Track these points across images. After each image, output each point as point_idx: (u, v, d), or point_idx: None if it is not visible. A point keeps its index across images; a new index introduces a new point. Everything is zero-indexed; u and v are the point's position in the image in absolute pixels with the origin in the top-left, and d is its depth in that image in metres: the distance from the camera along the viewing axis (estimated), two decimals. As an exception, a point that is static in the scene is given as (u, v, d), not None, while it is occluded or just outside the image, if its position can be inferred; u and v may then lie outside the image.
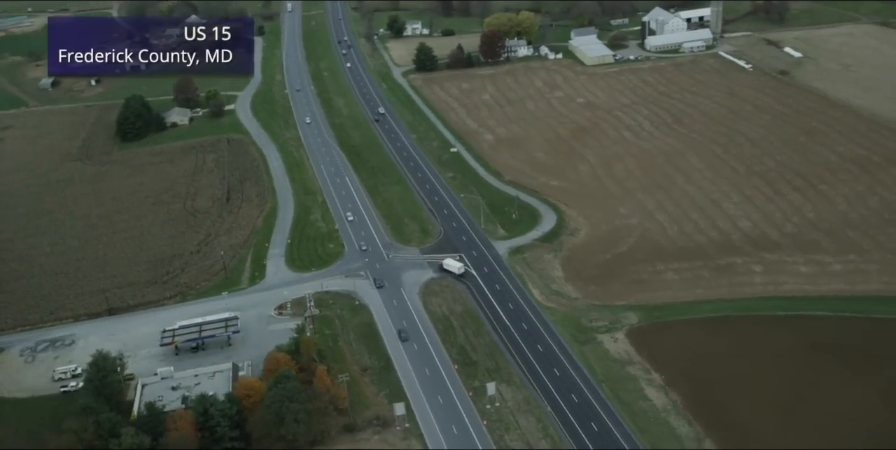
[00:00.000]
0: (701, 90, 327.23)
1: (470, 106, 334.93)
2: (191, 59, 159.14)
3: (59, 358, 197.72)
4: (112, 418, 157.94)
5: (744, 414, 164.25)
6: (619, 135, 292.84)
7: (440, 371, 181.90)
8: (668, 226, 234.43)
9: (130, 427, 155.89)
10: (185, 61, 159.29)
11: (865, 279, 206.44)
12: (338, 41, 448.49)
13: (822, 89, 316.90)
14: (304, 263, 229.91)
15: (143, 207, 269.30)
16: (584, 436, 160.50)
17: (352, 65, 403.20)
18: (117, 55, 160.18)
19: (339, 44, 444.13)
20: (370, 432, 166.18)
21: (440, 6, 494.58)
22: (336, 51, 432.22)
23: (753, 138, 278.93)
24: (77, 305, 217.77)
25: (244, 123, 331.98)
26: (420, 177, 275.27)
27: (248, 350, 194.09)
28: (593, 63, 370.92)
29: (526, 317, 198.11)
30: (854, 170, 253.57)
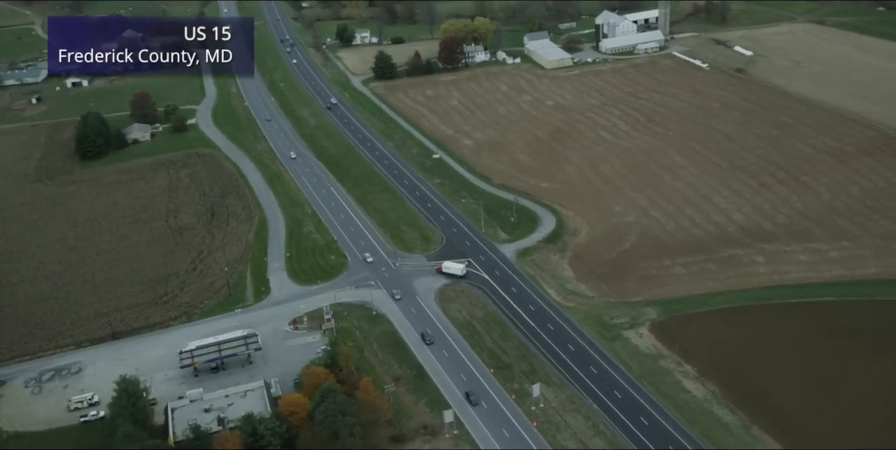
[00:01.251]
0: (666, 90, 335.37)
1: (440, 112, 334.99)
2: (191, 59, 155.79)
3: (68, 387, 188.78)
4: (159, 445, 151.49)
5: (782, 399, 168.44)
6: (597, 135, 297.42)
7: (476, 376, 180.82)
8: (665, 222, 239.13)
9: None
10: (185, 61, 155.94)
11: (863, 264, 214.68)
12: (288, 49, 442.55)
13: (781, 85, 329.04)
14: (308, 276, 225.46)
15: (123, 227, 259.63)
16: (636, 431, 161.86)
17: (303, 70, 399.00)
18: (117, 55, 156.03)
19: (288, 53, 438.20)
20: (420, 442, 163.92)
21: (384, 14, 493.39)
22: (287, 60, 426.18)
23: (728, 134, 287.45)
24: (76, 331, 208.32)
25: (210, 137, 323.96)
26: (407, 184, 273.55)
27: (271, 367, 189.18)
28: (553, 66, 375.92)
29: (549, 317, 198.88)
30: (830, 161, 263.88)
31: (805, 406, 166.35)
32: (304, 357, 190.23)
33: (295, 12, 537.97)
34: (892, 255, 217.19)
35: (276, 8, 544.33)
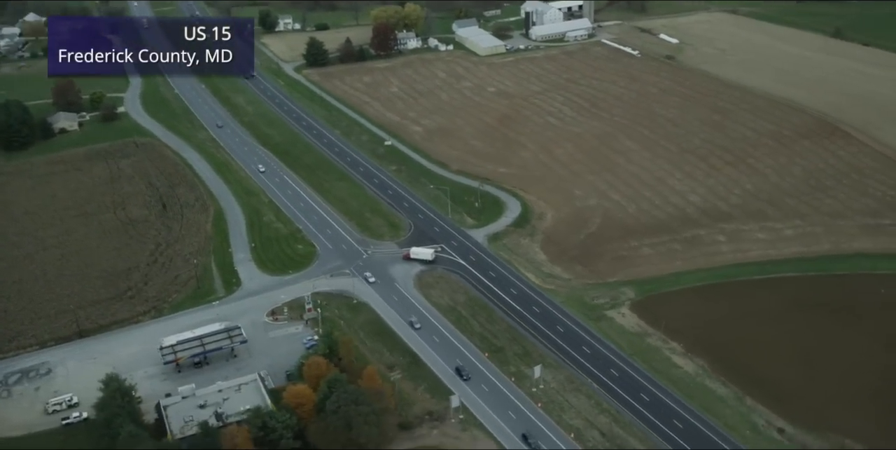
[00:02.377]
0: (603, 76, 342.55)
1: (382, 99, 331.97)
2: (191, 58, 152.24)
3: (40, 389, 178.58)
4: (170, 444, 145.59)
5: (768, 371, 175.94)
6: (545, 121, 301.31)
7: (472, 361, 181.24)
8: (626, 204, 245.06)
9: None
10: (185, 61, 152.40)
11: (816, 241, 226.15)
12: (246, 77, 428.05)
13: (712, 72, 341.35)
14: (277, 266, 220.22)
15: (68, 221, 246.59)
16: (639, 407, 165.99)
17: None
18: (117, 55, 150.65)
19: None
20: (427, 428, 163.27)
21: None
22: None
23: (672, 119, 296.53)
24: (38, 330, 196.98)
25: (145, 126, 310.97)
26: (363, 171, 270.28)
27: (257, 360, 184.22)
28: (487, 53, 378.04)
29: (533, 300, 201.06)
30: (771, 144, 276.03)
31: (791, 376, 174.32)
32: (290, 349, 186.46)
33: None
34: (840, 231, 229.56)
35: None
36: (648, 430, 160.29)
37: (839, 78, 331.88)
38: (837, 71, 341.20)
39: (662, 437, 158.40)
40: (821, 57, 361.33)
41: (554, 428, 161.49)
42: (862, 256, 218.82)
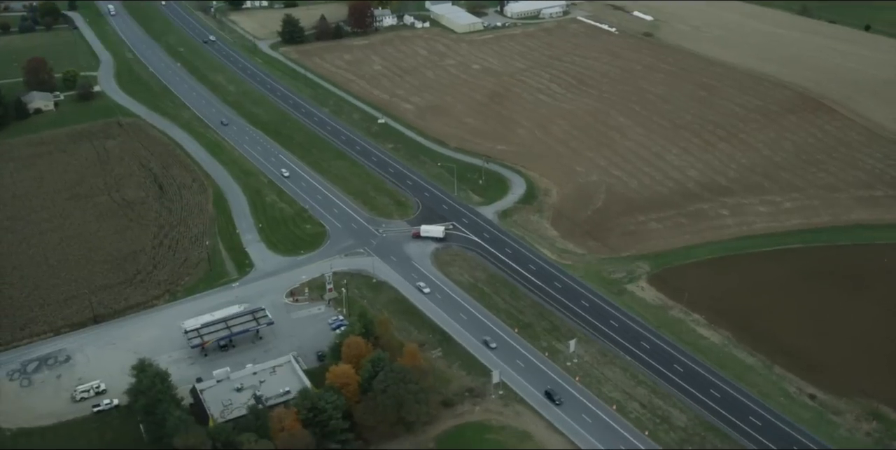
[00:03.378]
0: (585, 53, 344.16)
1: (367, 77, 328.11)
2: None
3: (62, 377, 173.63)
4: (224, 428, 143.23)
5: (791, 340, 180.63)
6: (535, 98, 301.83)
7: (502, 337, 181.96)
8: (628, 180, 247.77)
9: (250, 434, 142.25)
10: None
11: (816, 213, 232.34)
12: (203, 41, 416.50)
13: (691, 48, 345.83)
14: (287, 247, 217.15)
15: (60, 203, 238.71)
16: (674, 378, 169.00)
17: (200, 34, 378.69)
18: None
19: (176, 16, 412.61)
20: (469, 404, 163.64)
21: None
22: (178, 24, 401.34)
23: (660, 95, 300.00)
24: (50, 316, 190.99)
25: (126, 105, 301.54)
26: (360, 150, 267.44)
27: (284, 342, 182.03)
28: (464, 31, 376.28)
29: (553, 276, 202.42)
30: (760, 119, 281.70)
31: (813, 344, 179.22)
32: (316, 329, 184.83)
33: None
34: (837, 203, 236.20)
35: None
36: (687, 400, 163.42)
37: (813, 54, 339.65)
38: (810, 47, 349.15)
39: (702, 406, 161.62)
40: (793, 34, 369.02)
41: (595, 401, 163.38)
42: (861, 227, 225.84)
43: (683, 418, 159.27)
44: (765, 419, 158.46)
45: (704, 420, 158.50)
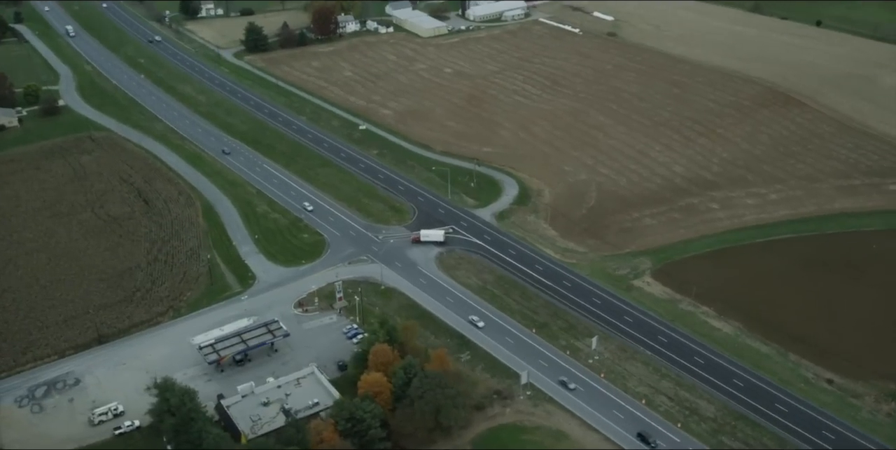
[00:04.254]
0: (554, 54, 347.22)
1: (340, 84, 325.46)
2: None
3: (74, 400, 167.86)
4: (265, 443, 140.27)
5: (799, 327, 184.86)
6: (512, 100, 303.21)
7: (522, 338, 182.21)
8: (616, 178, 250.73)
9: (293, 447, 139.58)
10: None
11: (801, 203, 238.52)
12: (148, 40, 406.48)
13: (656, 47, 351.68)
14: (287, 257, 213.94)
15: (42, 222, 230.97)
16: (696, 369, 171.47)
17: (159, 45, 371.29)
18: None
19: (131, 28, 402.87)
20: (498, 406, 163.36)
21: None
22: (134, 35, 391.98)
23: (635, 93, 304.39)
24: (50, 339, 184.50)
25: (94, 119, 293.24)
26: (346, 157, 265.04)
27: (300, 353, 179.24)
28: (430, 35, 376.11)
29: (560, 275, 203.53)
30: (734, 114, 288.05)
31: (821, 331, 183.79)
32: (331, 339, 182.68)
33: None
34: (820, 193, 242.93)
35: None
36: (712, 390, 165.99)
37: (773, 50, 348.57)
38: (769, 43, 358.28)
39: (728, 396, 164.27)
40: (749, 31, 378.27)
41: (623, 396, 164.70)
42: (846, 215, 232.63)
43: (712, 409, 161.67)
44: (790, 406, 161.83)
45: (732, 409, 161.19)
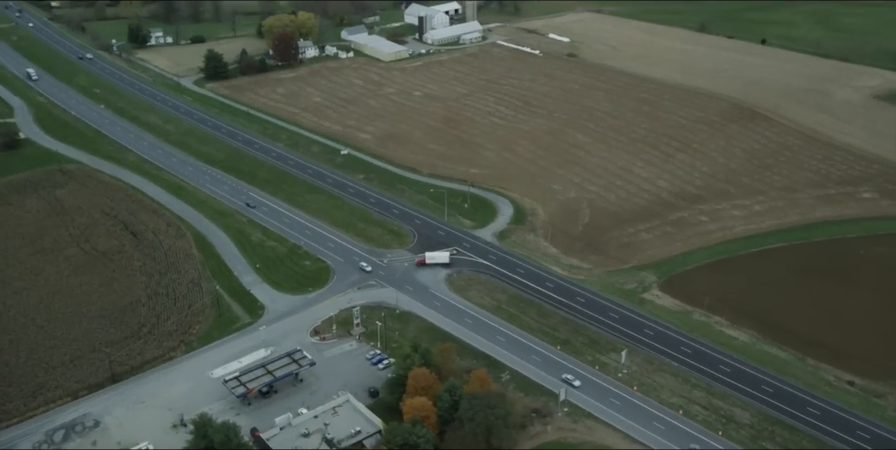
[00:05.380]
0: (519, 75, 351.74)
1: (311, 109, 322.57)
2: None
3: (97, 443, 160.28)
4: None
5: (810, 332, 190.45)
6: (488, 121, 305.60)
7: (549, 355, 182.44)
8: (605, 194, 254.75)
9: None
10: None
11: (785, 213, 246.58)
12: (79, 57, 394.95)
13: (618, 67, 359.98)
14: (293, 285, 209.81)
15: (26, 260, 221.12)
16: (725, 378, 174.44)
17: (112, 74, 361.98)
18: None
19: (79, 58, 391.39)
20: (539, 424, 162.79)
21: (162, 10, 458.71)
22: (83, 65, 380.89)
23: (607, 112, 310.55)
24: (61, 380, 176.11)
25: (60, 152, 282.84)
26: (333, 182, 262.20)
27: (327, 382, 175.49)
28: (391, 59, 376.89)
29: (572, 291, 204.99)
30: (706, 129, 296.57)
31: (832, 335, 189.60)
32: (355, 366, 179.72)
33: (48, 14, 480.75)
34: (800, 203, 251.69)
35: (25, 11, 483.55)
36: (744, 397, 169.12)
37: (729, 67, 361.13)
38: (723, 61, 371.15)
39: (760, 402, 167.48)
40: (700, 49, 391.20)
41: (659, 408, 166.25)
42: (828, 224, 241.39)
43: (747, 416, 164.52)
44: (821, 409, 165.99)
45: (767, 415, 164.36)
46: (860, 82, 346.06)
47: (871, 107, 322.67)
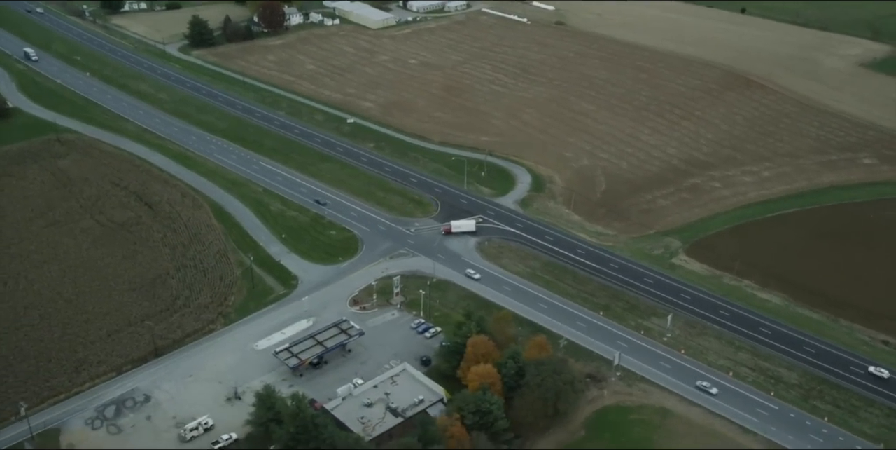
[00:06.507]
0: (512, 43, 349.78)
1: (307, 77, 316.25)
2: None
3: (152, 418, 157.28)
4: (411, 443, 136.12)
5: (837, 293, 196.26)
6: (489, 89, 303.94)
7: (592, 321, 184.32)
8: (617, 162, 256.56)
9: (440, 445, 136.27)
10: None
11: (793, 179, 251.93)
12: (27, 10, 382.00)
13: (608, 35, 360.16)
14: (322, 255, 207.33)
15: (40, 232, 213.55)
16: (766, 339, 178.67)
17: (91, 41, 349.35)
18: None
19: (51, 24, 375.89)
20: (595, 389, 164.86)
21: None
22: (60, 32, 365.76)
23: (606, 79, 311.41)
24: (102, 355, 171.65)
25: (52, 121, 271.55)
26: (343, 151, 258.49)
27: (375, 351, 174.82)
28: (379, 27, 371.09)
29: (604, 258, 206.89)
30: (706, 97, 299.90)
31: (860, 296, 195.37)
32: (402, 335, 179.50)
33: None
34: (806, 169, 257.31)
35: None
36: (788, 358, 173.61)
37: (716, 35, 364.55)
38: (710, 30, 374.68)
39: (804, 362, 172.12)
40: (685, 18, 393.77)
41: (710, 370, 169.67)
42: (836, 189, 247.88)
43: (794, 376, 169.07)
44: (863, 367, 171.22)
45: (814, 375, 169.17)
46: (843, 51, 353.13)
47: (857, 74, 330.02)
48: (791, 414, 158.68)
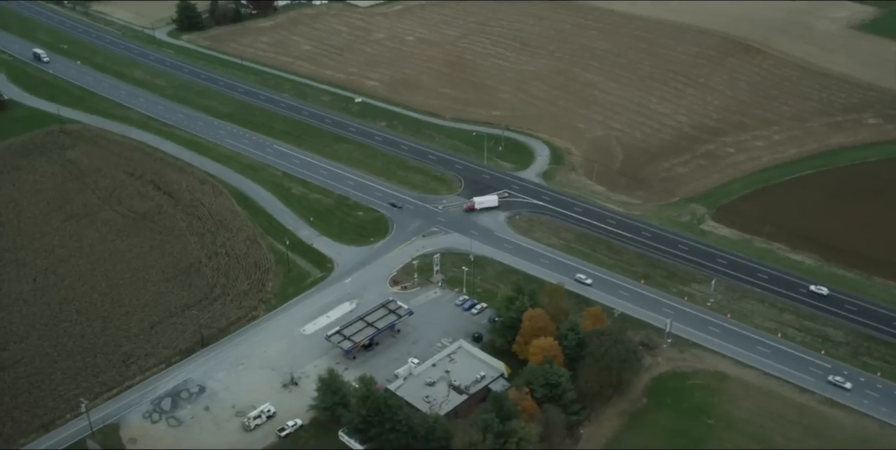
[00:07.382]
0: (507, 17, 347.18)
1: (306, 58, 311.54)
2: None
3: (210, 408, 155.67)
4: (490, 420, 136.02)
5: (867, 251, 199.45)
6: (491, 63, 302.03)
7: (635, 289, 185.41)
8: (630, 131, 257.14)
9: (517, 420, 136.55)
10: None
11: (804, 142, 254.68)
12: None
13: (602, 6, 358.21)
14: (353, 237, 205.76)
15: (60, 226, 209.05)
16: (809, 300, 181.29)
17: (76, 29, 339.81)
18: None
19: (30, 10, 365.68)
20: (648, 356, 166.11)
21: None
22: (44, 22, 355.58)
23: (607, 50, 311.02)
24: (147, 347, 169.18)
25: (51, 111, 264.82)
26: (356, 131, 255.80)
27: (424, 330, 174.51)
28: (369, 5, 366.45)
29: (635, 227, 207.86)
30: (706, 64, 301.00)
31: (889, 254, 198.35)
32: (447, 313, 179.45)
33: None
34: (815, 132, 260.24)
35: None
36: (832, 317, 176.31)
37: (707, 4, 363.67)
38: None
39: (848, 321, 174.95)
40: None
41: (758, 333, 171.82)
42: (846, 149, 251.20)
43: (841, 334, 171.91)
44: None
45: (860, 333, 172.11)
46: (832, 14, 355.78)
47: (850, 37, 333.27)
48: (844, 371, 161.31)
